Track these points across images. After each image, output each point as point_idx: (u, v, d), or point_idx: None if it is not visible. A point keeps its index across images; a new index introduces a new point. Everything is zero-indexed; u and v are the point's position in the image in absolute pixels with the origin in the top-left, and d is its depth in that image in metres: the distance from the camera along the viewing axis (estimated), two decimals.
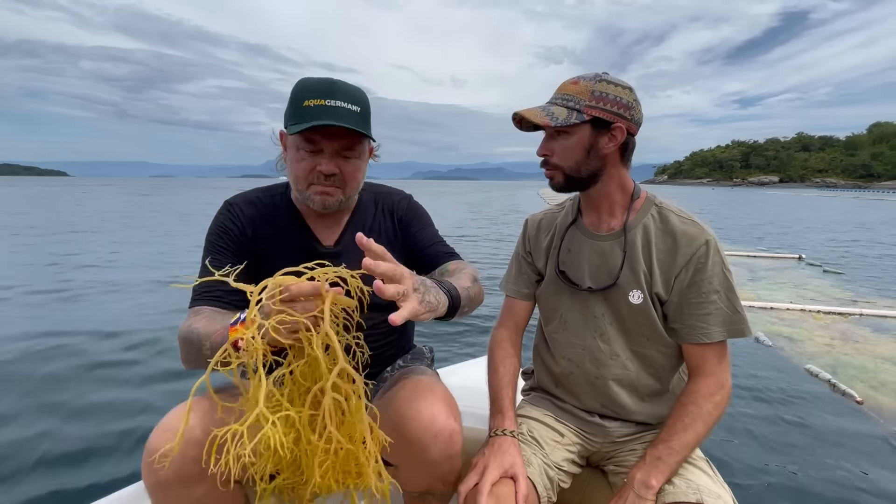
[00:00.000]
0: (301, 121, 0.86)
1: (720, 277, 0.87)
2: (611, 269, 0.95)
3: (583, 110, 0.88)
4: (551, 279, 1.04)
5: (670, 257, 0.90)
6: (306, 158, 0.92)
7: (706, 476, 0.85)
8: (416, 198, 1.20)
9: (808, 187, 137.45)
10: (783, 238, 10.31)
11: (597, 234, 0.99)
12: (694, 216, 0.93)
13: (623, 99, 0.89)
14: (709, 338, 0.87)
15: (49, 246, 7.77)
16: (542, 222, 1.10)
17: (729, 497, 0.81)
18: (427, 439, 0.82)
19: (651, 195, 0.98)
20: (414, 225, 1.11)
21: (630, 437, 0.99)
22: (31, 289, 4.83)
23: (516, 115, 0.93)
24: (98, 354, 3.10)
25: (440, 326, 3.64)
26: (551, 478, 0.92)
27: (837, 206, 27.94)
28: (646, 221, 0.94)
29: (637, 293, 0.92)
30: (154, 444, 0.74)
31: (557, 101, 0.91)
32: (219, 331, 0.78)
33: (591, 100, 0.88)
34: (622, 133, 0.90)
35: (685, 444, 0.84)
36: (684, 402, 0.88)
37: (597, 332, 0.98)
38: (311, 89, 0.88)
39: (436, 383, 0.95)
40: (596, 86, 0.88)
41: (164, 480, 0.74)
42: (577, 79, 0.91)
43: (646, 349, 0.96)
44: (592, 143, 0.91)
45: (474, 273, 0.99)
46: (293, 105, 0.89)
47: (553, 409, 1.07)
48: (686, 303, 0.89)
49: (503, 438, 0.92)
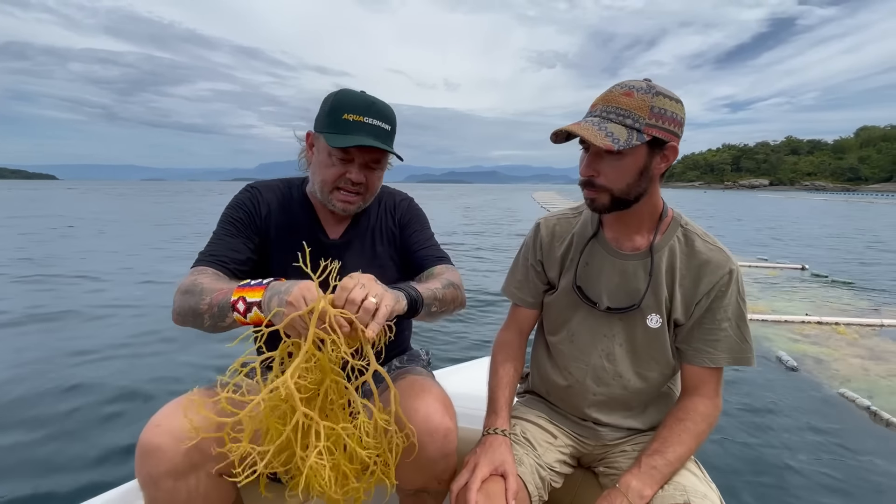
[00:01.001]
0: (339, 131, 0.95)
1: (734, 307, 0.87)
2: (631, 291, 0.93)
3: (643, 130, 0.81)
4: (565, 292, 1.00)
5: (693, 284, 0.89)
6: (337, 165, 0.98)
7: (693, 476, 0.86)
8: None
9: (797, 190, 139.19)
10: (780, 244, 10.23)
11: (620, 253, 0.95)
12: (718, 241, 0.92)
13: (678, 116, 0.83)
14: (714, 363, 0.88)
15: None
16: (556, 229, 1.05)
17: (716, 496, 0.83)
18: (423, 438, 0.84)
19: (677, 214, 0.95)
20: (411, 226, 1.16)
21: (621, 440, 1.00)
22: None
23: (563, 131, 0.84)
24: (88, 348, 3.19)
25: (437, 328, 3.70)
26: (543, 477, 0.93)
27: (831, 210, 28.11)
28: (672, 244, 0.92)
29: (655, 317, 0.92)
30: (146, 439, 0.76)
31: (612, 116, 0.82)
32: (223, 290, 0.83)
33: (651, 117, 0.81)
34: (675, 153, 0.86)
35: (679, 457, 0.86)
36: (682, 417, 0.89)
37: (604, 352, 0.97)
38: (350, 104, 0.95)
39: (431, 383, 0.97)
40: (654, 100, 0.81)
41: (155, 474, 0.76)
42: (630, 90, 0.82)
43: (650, 371, 0.96)
44: (647, 165, 0.85)
45: (454, 278, 1.03)
46: (332, 115, 0.95)
47: (547, 411, 1.08)
48: (698, 327, 0.90)
49: (495, 437, 0.92)
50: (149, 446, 0.75)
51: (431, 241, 1.15)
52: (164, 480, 0.76)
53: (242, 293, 0.81)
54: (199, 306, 0.84)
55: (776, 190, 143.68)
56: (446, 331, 3.75)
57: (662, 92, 0.82)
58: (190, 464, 0.77)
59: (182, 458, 0.76)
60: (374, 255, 1.12)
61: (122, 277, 5.72)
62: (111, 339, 3.47)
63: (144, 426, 0.77)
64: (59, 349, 3.26)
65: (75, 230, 11.13)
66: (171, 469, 0.76)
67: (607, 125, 0.81)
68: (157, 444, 0.75)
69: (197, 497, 0.79)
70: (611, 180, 0.85)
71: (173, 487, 0.77)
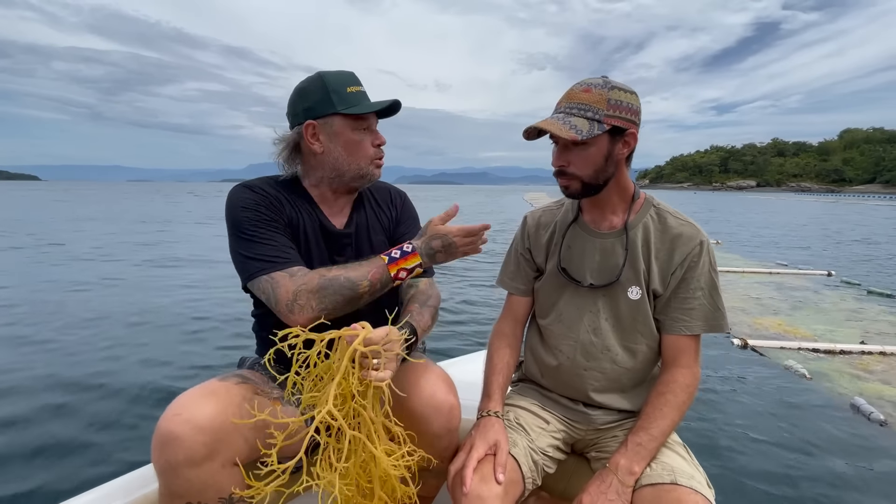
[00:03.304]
0: (352, 104, 1.01)
1: (707, 276, 0.95)
2: (612, 267, 1.00)
3: (602, 120, 0.89)
4: (552, 275, 1.07)
5: (668, 255, 0.97)
6: (366, 136, 1.05)
7: (681, 459, 0.90)
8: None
9: (784, 191, 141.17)
10: (786, 247, 9.76)
11: (598, 232, 1.02)
12: (689, 217, 0.99)
13: (634, 105, 0.91)
14: (690, 330, 0.95)
15: None
16: (541, 219, 1.13)
17: (702, 477, 0.87)
18: (429, 413, 0.92)
19: (649, 196, 1.03)
20: (405, 225, 1.19)
21: (613, 425, 1.04)
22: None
23: (533, 128, 0.92)
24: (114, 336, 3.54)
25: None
26: (536, 461, 0.97)
27: (829, 211, 28.03)
28: (645, 221, 0.99)
29: (635, 289, 0.98)
30: (166, 428, 0.77)
31: (574, 111, 0.91)
32: (370, 270, 0.94)
33: (609, 108, 0.89)
34: (634, 139, 0.93)
35: (663, 430, 0.90)
36: (662, 391, 0.94)
37: (590, 327, 1.02)
38: (344, 80, 1.02)
39: (433, 364, 1.04)
40: (610, 94, 0.89)
41: (174, 462, 0.77)
42: (588, 86, 0.90)
43: (637, 344, 1.01)
44: (610, 151, 0.92)
45: (437, 303, 1.08)
46: (337, 93, 1.00)
47: (539, 397, 1.12)
48: (674, 297, 0.97)
49: (489, 419, 0.97)
50: (169, 435, 0.76)
51: None
52: (182, 468, 0.77)
53: (398, 266, 0.95)
54: (356, 292, 0.92)
55: (764, 191, 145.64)
56: (443, 329, 3.22)
57: (618, 86, 0.90)
58: (208, 453, 0.78)
59: (201, 448, 0.77)
60: (373, 247, 1.13)
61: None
62: (122, 333, 3.70)
63: (162, 414, 0.78)
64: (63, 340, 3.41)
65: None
66: (190, 457, 0.77)
67: (571, 119, 0.90)
68: (178, 433, 0.76)
69: (212, 485, 0.80)
70: (579, 168, 0.93)
71: (190, 475, 0.78)
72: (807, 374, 3.01)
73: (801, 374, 3.02)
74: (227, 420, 0.80)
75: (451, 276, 6.14)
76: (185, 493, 0.79)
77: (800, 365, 3.14)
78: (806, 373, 3.02)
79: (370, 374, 0.78)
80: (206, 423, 0.78)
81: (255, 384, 0.95)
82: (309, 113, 1.00)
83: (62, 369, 2.93)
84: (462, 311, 4.59)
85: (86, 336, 3.61)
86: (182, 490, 0.79)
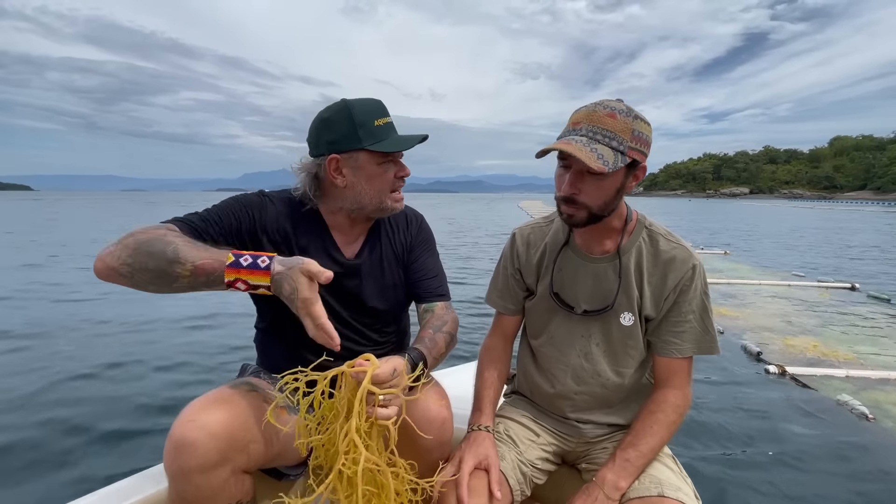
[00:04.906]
0: (381, 138, 0.98)
1: (698, 300, 0.95)
2: (605, 293, 0.98)
3: (626, 152, 0.85)
4: (543, 298, 1.05)
5: (661, 280, 0.96)
6: (390, 169, 1.02)
7: (668, 470, 0.91)
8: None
9: (777, 198, 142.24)
10: (803, 256, 9.36)
11: (591, 257, 1.00)
12: (680, 238, 0.98)
13: (650, 138, 0.89)
14: (681, 353, 0.95)
15: None
16: (530, 237, 1.10)
17: (690, 489, 0.87)
18: (421, 426, 0.87)
19: (641, 216, 1.01)
20: (419, 249, 1.16)
21: (603, 437, 1.05)
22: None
23: (553, 149, 0.87)
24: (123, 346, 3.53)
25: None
26: (524, 473, 0.98)
27: (827, 217, 27.83)
28: (638, 244, 0.98)
29: (628, 315, 0.97)
30: (180, 434, 0.77)
31: (598, 137, 0.85)
32: (206, 259, 0.79)
33: (632, 140, 0.86)
34: (644, 172, 0.92)
35: (652, 448, 0.91)
36: (653, 409, 0.95)
37: (581, 352, 1.02)
38: (372, 111, 0.98)
39: (428, 376, 0.99)
40: (634, 124, 0.86)
41: (187, 468, 0.77)
42: (612, 111, 0.86)
43: (627, 367, 1.01)
44: (623, 184, 0.90)
45: (453, 330, 1.06)
46: (364, 127, 0.96)
47: (531, 410, 1.12)
48: (665, 320, 0.96)
49: (479, 433, 0.98)
50: (183, 441, 0.76)
51: (435, 272, 1.14)
52: (195, 475, 0.77)
53: (240, 275, 0.79)
54: (172, 270, 0.78)
55: (757, 198, 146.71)
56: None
57: (639, 116, 0.87)
58: (220, 459, 0.79)
59: (214, 454, 0.77)
60: (385, 278, 1.11)
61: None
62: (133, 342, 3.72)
63: (175, 420, 0.79)
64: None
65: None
66: (203, 464, 0.77)
67: (596, 146, 0.83)
68: (192, 440, 0.76)
69: (222, 492, 0.81)
70: (591, 199, 0.89)
71: (202, 481, 0.78)
72: (867, 413, 2.53)
73: (861, 412, 2.54)
74: (238, 427, 0.81)
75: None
76: (194, 500, 0.80)
77: (856, 401, 2.66)
78: (867, 412, 2.54)
79: (375, 411, 0.76)
80: (219, 429, 0.78)
81: (263, 392, 0.95)
82: (333, 147, 0.97)
83: (63, 375, 2.96)
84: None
85: (85, 343, 3.66)
86: (192, 496, 0.79)
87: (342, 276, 1.03)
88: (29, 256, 8.57)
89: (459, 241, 11.66)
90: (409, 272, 1.13)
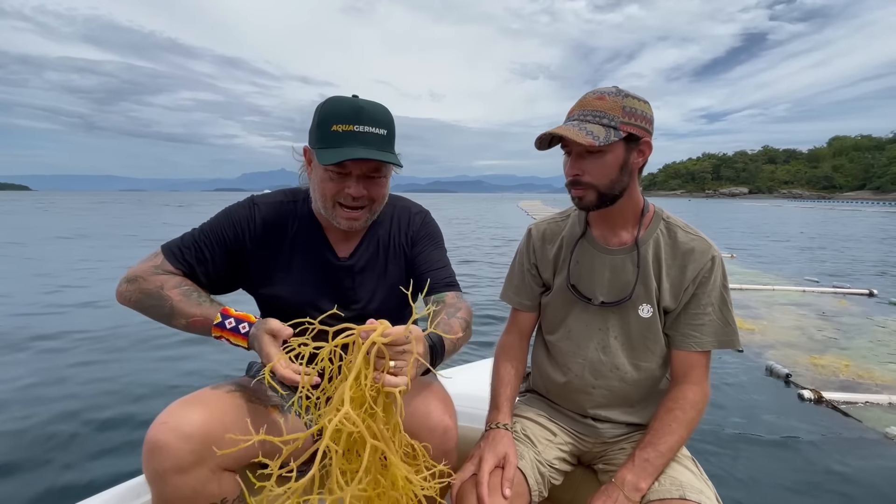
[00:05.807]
0: (330, 145, 0.91)
1: (718, 292, 0.93)
2: (623, 284, 0.97)
3: (619, 127, 0.86)
4: (560, 291, 1.04)
5: (680, 272, 0.94)
6: (334, 180, 0.95)
7: (690, 473, 0.88)
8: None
9: (776, 198, 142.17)
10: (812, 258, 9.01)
11: (608, 248, 0.99)
12: (700, 231, 0.97)
13: (647, 114, 0.89)
14: (701, 346, 0.93)
15: None
16: (546, 233, 1.10)
17: (711, 493, 0.85)
18: (422, 435, 0.85)
19: (658, 209, 1.00)
20: (422, 243, 1.12)
21: (620, 438, 1.03)
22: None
23: (546, 136, 0.89)
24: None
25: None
26: (542, 473, 0.96)
27: (829, 217, 27.51)
28: (656, 236, 0.97)
29: (647, 307, 0.96)
30: (152, 436, 0.78)
31: (589, 118, 0.88)
32: (198, 317, 0.90)
33: (624, 115, 0.87)
34: (649, 147, 0.91)
35: (671, 447, 0.88)
36: (671, 407, 0.92)
37: (599, 345, 1.00)
38: (338, 114, 0.91)
39: (431, 381, 0.99)
40: (624, 101, 0.87)
41: (161, 470, 0.78)
42: (602, 94, 0.89)
43: (646, 361, 0.99)
44: (626, 160, 0.89)
45: (468, 316, 0.99)
46: (320, 128, 0.92)
47: (547, 409, 1.10)
48: (684, 313, 0.95)
49: (497, 431, 0.96)
50: (155, 443, 0.77)
51: (442, 263, 1.10)
52: (170, 476, 0.78)
53: (223, 334, 0.90)
54: (172, 321, 0.91)
55: (756, 198, 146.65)
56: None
57: (631, 94, 0.88)
58: (195, 460, 0.79)
59: (187, 455, 0.78)
60: (385, 276, 1.09)
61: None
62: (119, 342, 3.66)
63: (151, 424, 0.79)
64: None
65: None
66: (177, 465, 0.77)
67: (586, 126, 0.86)
68: (164, 442, 0.77)
69: (202, 492, 0.81)
70: (595, 177, 0.89)
71: (179, 482, 0.78)
72: None
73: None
74: (215, 427, 0.82)
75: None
76: (175, 500, 0.80)
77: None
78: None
79: (384, 377, 0.70)
80: (192, 430, 0.79)
81: (250, 391, 0.96)
82: (308, 136, 0.98)
83: (63, 379, 2.95)
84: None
85: (84, 348, 3.60)
86: (172, 497, 0.79)
87: (337, 277, 1.05)
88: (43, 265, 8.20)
89: (462, 241, 11.34)
90: (414, 267, 1.09)
